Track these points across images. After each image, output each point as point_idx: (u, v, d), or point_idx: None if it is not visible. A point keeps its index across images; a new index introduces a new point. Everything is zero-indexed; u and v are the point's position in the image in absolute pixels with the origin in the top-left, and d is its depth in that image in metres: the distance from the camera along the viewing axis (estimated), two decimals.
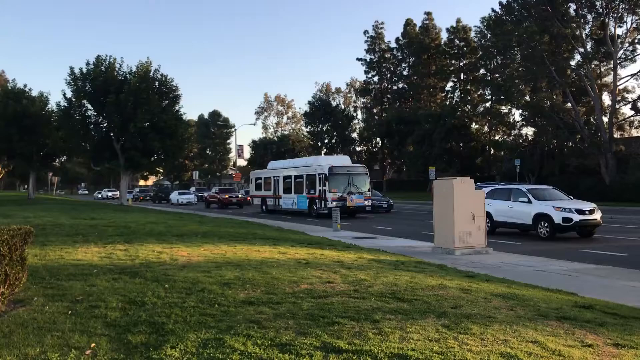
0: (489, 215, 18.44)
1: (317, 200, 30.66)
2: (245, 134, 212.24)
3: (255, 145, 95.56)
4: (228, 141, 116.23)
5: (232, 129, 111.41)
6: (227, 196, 45.78)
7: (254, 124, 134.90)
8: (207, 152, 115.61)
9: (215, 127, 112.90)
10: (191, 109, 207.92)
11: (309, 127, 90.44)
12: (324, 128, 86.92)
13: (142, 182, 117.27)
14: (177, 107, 44.63)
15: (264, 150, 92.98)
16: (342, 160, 33.82)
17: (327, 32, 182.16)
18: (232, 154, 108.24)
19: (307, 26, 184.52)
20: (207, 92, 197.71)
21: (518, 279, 9.82)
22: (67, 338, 5.04)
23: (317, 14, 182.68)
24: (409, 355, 4.45)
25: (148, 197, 70.33)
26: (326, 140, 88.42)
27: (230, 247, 12.41)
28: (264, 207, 37.26)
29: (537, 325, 5.65)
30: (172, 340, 4.87)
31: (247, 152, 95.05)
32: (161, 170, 65.89)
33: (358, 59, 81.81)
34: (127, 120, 40.45)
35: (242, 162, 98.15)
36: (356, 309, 6.10)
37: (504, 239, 17.82)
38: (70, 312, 6.01)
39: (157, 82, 43.16)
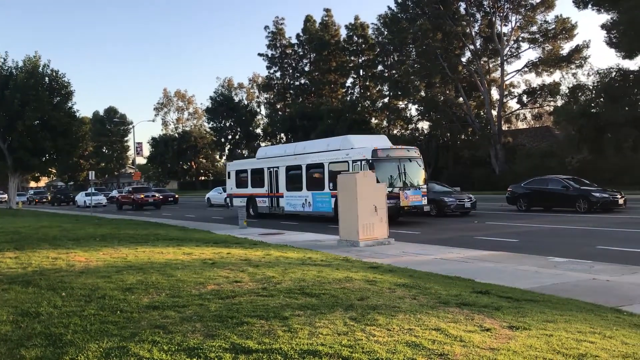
0: None
1: None
2: (144, 131, 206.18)
3: (155, 142, 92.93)
4: (126, 139, 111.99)
5: (130, 126, 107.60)
6: (142, 196, 40.90)
7: (153, 121, 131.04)
8: (104, 150, 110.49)
9: (112, 124, 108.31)
10: (85, 105, 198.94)
11: (211, 122, 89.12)
12: (227, 124, 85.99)
13: (32, 184, 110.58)
14: (69, 104, 42.44)
15: (164, 148, 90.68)
16: (380, 140, 23.74)
17: (228, 26, 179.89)
18: (131, 152, 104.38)
19: (207, 20, 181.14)
20: (101, 87, 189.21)
21: (419, 268, 10.20)
22: None
23: (218, 8, 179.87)
24: (318, 350, 4.48)
25: (45, 200, 65.88)
26: (230, 136, 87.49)
27: (132, 250, 11.95)
28: (251, 210, 27.24)
29: (439, 313, 5.88)
30: (71, 352, 4.61)
31: (146, 150, 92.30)
32: (54, 171, 62.32)
33: (259, 55, 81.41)
34: (15, 119, 37.95)
35: (141, 160, 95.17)
36: (265, 307, 6.07)
37: (404, 229, 18.45)
38: None
39: (47, 78, 40.80)
